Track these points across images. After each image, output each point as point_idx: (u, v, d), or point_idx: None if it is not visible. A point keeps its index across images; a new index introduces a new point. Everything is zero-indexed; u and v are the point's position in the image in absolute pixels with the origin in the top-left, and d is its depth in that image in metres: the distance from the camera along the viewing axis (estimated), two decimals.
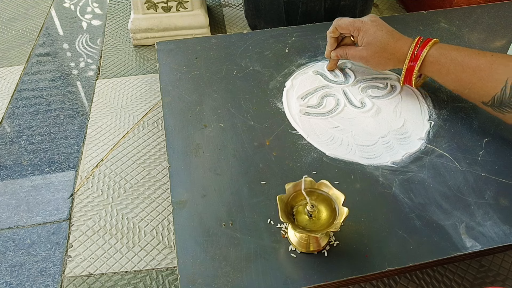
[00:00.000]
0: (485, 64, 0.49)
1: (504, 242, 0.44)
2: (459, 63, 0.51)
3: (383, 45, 0.55)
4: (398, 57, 0.55)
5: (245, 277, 0.41)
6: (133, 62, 1.08)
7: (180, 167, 0.52)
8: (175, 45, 0.72)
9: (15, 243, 0.70)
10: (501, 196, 0.48)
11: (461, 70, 0.51)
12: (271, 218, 0.46)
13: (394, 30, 0.57)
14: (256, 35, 0.74)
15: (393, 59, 0.56)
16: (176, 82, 0.65)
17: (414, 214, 0.46)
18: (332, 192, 0.41)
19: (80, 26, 1.23)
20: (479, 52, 0.51)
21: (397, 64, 0.56)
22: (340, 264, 0.42)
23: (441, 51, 0.52)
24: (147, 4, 1.08)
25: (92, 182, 0.78)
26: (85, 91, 1.00)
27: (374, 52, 0.56)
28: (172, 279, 0.64)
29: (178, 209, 0.47)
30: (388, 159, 0.52)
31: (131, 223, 0.71)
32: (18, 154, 0.85)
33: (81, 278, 0.64)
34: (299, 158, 0.53)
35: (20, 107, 0.96)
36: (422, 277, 0.61)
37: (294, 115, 0.59)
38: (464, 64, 0.51)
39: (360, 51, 0.58)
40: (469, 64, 0.50)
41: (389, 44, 0.55)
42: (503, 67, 0.48)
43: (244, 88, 0.63)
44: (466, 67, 0.50)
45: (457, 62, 0.51)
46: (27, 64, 1.09)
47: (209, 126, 0.57)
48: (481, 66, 0.49)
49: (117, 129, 0.89)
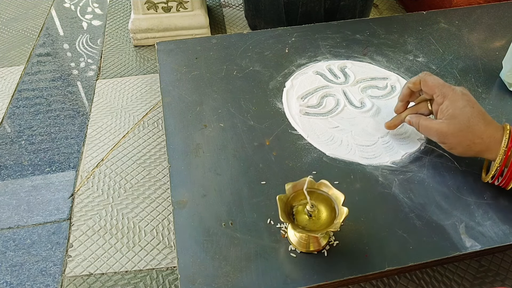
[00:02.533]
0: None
1: (504, 242, 0.44)
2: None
3: (470, 123, 0.44)
4: (488, 144, 0.44)
5: (245, 277, 0.41)
6: (133, 62, 1.08)
7: (180, 167, 0.52)
8: (175, 45, 0.72)
9: (16, 243, 0.70)
10: (500, 196, 0.48)
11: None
12: (271, 218, 0.46)
13: (486, 112, 0.46)
14: (256, 35, 0.75)
15: (480, 144, 0.45)
16: (176, 82, 0.65)
17: (414, 214, 0.46)
18: (332, 192, 0.41)
19: (81, 26, 1.23)
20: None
21: (483, 152, 0.45)
22: (340, 264, 0.42)
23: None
24: (147, 4, 1.08)
25: (93, 182, 0.78)
26: (86, 91, 1.00)
27: (458, 130, 0.45)
28: (172, 278, 0.64)
29: (178, 209, 0.47)
30: (388, 159, 0.53)
31: (132, 223, 0.71)
32: (19, 154, 0.85)
33: (81, 278, 0.64)
34: (299, 158, 0.53)
35: (20, 107, 0.96)
36: (421, 276, 0.61)
37: (294, 115, 0.59)
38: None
39: (440, 124, 0.47)
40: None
41: (479, 125, 0.44)
42: None
43: (244, 88, 0.64)
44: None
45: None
46: (27, 64, 1.09)
47: (209, 126, 0.57)
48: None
49: (117, 129, 0.89)
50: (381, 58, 0.69)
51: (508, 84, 0.63)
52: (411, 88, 0.51)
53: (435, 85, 0.48)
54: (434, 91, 0.48)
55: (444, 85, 0.47)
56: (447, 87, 0.47)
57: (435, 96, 0.48)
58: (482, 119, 0.45)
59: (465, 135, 0.45)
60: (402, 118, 0.53)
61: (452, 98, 0.46)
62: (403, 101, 0.53)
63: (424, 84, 0.49)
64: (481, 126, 0.45)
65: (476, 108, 0.45)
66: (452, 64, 0.68)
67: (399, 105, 0.54)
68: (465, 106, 0.45)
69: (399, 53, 0.70)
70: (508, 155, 0.43)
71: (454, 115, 0.46)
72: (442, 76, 0.65)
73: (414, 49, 0.71)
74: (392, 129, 0.55)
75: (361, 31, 0.75)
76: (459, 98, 0.46)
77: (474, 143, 0.45)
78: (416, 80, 0.50)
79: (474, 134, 0.45)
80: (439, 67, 0.67)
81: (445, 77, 0.65)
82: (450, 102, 0.46)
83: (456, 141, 0.46)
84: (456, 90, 0.47)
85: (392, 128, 0.55)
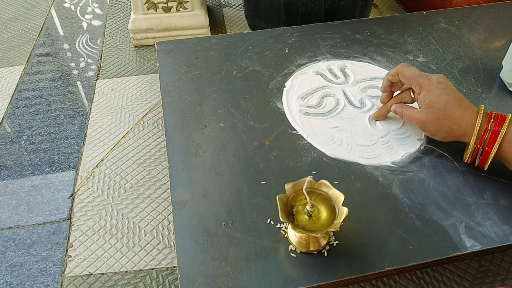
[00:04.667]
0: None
1: (504, 242, 0.44)
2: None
3: (447, 112, 0.47)
4: (465, 130, 0.46)
5: (245, 277, 0.41)
6: (133, 62, 1.08)
7: (180, 167, 0.52)
8: (175, 45, 0.72)
9: (16, 243, 0.70)
10: (500, 196, 0.48)
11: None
12: (271, 218, 0.46)
13: (463, 97, 0.48)
14: (256, 35, 0.75)
15: (457, 130, 0.47)
16: (176, 82, 0.65)
17: (414, 214, 0.46)
18: (332, 192, 0.41)
19: (81, 26, 1.23)
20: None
21: (462, 137, 0.47)
22: (340, 264, 0.42)
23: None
24: (147, 4, 1.08)
25: (92, 182, 0.78)
26: (86, 91, 1.00)
27: (435, 118, 0.47)
28: (172, 278, 0.64)
29: (178, 209, 0.47)
30: (388, 159, 0.53)
31: (131, 223, 0.71)
32: (19, 154, 0.85)
33: (81, 278, 0.64)
34: (299, 158, 0.53)
35: (20, 107, 0.96)
36: (421, 276, 0.61)
37: (294, 115, 0.59)
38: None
39: (419, 113, 0.49)
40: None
41: (455, 112, 0.46)
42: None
43: (244, 88, 0.64)
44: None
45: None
46: (27, 64, 1.09)
47: (209, 126, 0.57)
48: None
49: (117, 129, 0.89)
50: (381, 58, 0.69)
51: (508, 84, 0.63)
52: (390, 79, 0.53)
53: (411, 76, 0.50)
54: (411, 82, 0.50)
55: (420, 76, 0.49)
56: (423, 77, 0.49)
57: (413, 86, 0.51)
58: (459, 105, 0.47)
59: (442, 122, 0.47)
60: (388, 108, 0.56)
61: (428, 88, 0.48)
62: (385, 91, 0.56)
63: (401, 76, 0.51)
64: (458, 113, 0.47)
65: (452, 96, 0.47)
66: (452, 64, 0.68)
67: (383, 96, 0.56)
68: (441, 95, 0.47)
69: (399, 53, 0.70)
70: (484, 135, 0.45)
71: (431, 104, 0.48)
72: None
73: (414, 49, 0.71)
74: (380, 118, 0.57)
75: (361, 31, 0.75)
76: (435, 87, 0.48)
77: (451, 129, 0.47)
78: (394, 72, 0.52)
79: (451, 120, 0.47)
80: (439, 67, 0.67)
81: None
82: (426, 92, 0.48)
83: (435, 128, 0.48)
84: (432, 80, 0.49)
85: (380, 118, 0.57)
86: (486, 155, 0.46)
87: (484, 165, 0.48)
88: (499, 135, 0.44)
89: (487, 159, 0.46)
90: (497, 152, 0.45)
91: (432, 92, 0.48)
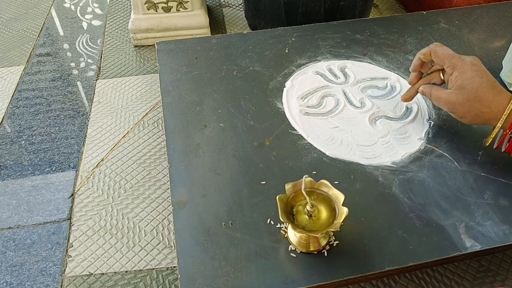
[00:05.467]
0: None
1: (504, 242, 0.44)
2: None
3: (478, 94, 0.45)
4: (495, 114, 0.45)
5: (245, 276, 0.41)
6: (133, 62, 1.08)
7: (180, 167, 0.52)
8: (175, 45, 0.72)
9: (16, 243, 0.70)
10: (500, 196, 0.48)
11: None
12: (271, 218, 0.46)
13: (496, 81, 0.47)
14: (256, 35, 0.75)
15: (487, 113, 0.46)
16: (176, 82, 0.65)
17: (414, 214, 0.46)
18: (332, 192, 0.41)
19: (81, 26, 1.23)
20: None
21: (492, 121, 0.46)
22: (340, 264, 0.42)
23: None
24: (147, 4, 1.08)
25: (93, 182, 0.78)
26: (86, 91, 1.00)
27: (466, 100, 0.46)
28: (172, 278, 0.64)
29: (178, 209, 0.47)
30: (388, 159, 0.53)
31: (132, 223, 0.71)
32: (19, 154, 0.85)
33: (81, 278, 0.64)
34: (299, 158, 0.53)
35: (20, 107, 0.96)
36: (421, 276, 0.61)
37: (294, 115, 0.59)
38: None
39: (449, 94, 0.48)
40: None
41: (487, 95, 0.45)
42: None
43: (244, 88, 0.64)
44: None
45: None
46: (27, 64, 1.09)
47: (209, 126, 0.57)
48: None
49: (117, 129, 0.89)
50: (381, 58, 0.69)
51: (508, 84, 0.63)
52: (421, 59, 0.52)
53: (444, 56, 0.48)
54: (444, 62, 0.49)
55: (454, 56, 0.48)
56: (457, 57, 0.48)
57: (445, 67, 0.49)
58: (491, 88, 0.45)
59: (472, 105, 0.46)
60: (416, 89, 0.54)
61: (461, 69, 0.47)
62: (415, 71, 0.54)
63: (434, 55, 0.50)
64: (489, 96, 0.45)
65: (485, 78, 0.46)
66: None
67: (412, 76, 0.55)
68: (474, 77, 0.46)
69: (399, 53, 0.70)
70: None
71: (463, 85, 0.46)
72: None
73: (414, 49, 0.71)
74: (409, 100, 0.56)
75: (361, 31, 0.75)
76: (468, 68, 0.47)
77: (482, 111, 0.46)
78: (427, 52, 0.50)
79: (482, 103, 0.45)
80: None
81: None
82: (459, 73, 0.47)
83: (464, 110, 0.47)
84: (466, 61, 0.47)
85: (409, 100, 0.56)
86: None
87: (511, 151, 0.47)
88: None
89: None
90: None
91: (465, 73, 0.46)
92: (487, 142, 0.49)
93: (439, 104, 0.51)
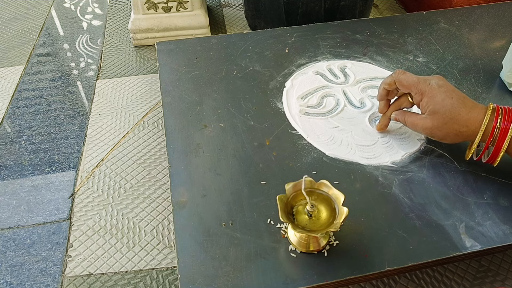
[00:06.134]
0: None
1: (504, 242, 0.44)
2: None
3: (453, 115, 0.45)
4: (473, 130, 0.45)
5: (245, 276, 0.41)
6: (133, 62, 1.08)
7: (180, 167, 0.52)
8: (175, 45, 0.72)
9: (16, 243, 0.70)
10: (500, 196, 0.48)
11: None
12: (271, 218, 0.46)
13: (466, 96, 0.47)
14: (256, 35, 0.75)
15: (466, 131, 0.46)
16: (176, 82, 0.65)
17: (414, 214, 0.46)
18: (332, 192, 0.41)
19: (81, 26, 1.23)
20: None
21: (471, 137, 0.46)
22: (340, 264, 0.42)
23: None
24: (147, 4, 1.08)
25: (93, 182, 0.78)
26: (86, 91, 1.00)
27: (442, 124, 0.46)
28: (172, 278, 0.64)
29: (178, 209, 0.47)
30: (388, 159, 0.53)
31: (132, 223, 0.71)
32: (19, 154, 0.85)
33: (81, 278, 0.64)
34: (299, 158, 0.53)
35: (20, 107, 0.96)
36: (421, 276, 0.61)
37: (294, 115, 0.59)
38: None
39: (423, 120, 0.48)
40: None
41: (461, 114, 0.45)
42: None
43: (244, 88, 0.64)
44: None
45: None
46: (27, 64, 1.09)
47: (209, 126, 0.57)
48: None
49: (117, 129, 0.89)
50: (381, 58, 0.69)
51: (508, 84, 0.63)
52: (386, 88, 0.52)
53: (410, 83, 0.48)
54: (411, 89, 0.49)
55: (419, 82, 0.48)
56: (422, 83, 0.47)
57: (413, 94, 0.49)
58: (463, 107, 0.46)
59: (450, 127, 0.46)
60: (388, 116, 0.54)
61: (430, 94, 0.47)
62: (382, 100, 0.54)
63: (399, 84, 0.50)
64: (464, 115, 0.45)
65: (455, 98, 0.46)
66: (452, 64, 0.68)
67: (381, 105, 0.54)
68: (444, 99, 0.46)
69: (399, 53, 0.70)
70: (492, 133, 0.44)
71: (435, 110, 0.46)
72: (442, 76, 0.65)
73: (414, 49, 0.71)
74: (384, 129, 0.56)
75: (361, 31, 0.75)
76: (436, 92, 0.47)
77: (460, 131, 0.46)
78: (391, 81, 0.50)
79: (459, 123, 0.46)
80: (439, 67, 0.67)
81: (445, 77, 0.65)
82: (428, 98, 0.47)
83: (442, 133, 0.47)
84: (432, 84, 0.47)
85: (384, 129, 0.55)
86: (496, 152, 0.45)
87: (494, 162, 0.47)
88: (508, 133, 0.43)
89: (497, 156, 0.45)
90: (508, 148, 0.45)
91: (435, 98, 0.46)
92: (467, 156, 0.49)
93: (416, 130, 0.50)
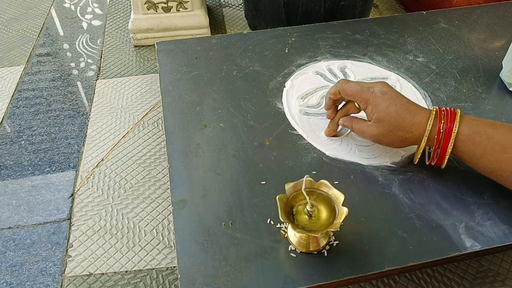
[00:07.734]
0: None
1: (504, 242, 0.44)
2: (497, 142, 0.43)
3: (397, 122, 0.46)
4: (418, 136, 0.46)
5: (245, 276, 0.41)
6: (133, 62, 1.08)
7: (180, 167, 0.52)
8: (175, 45, 0.72)
9: (16, 243, 0.70)
10: (500, 196, 0.48)
11: (501, 151, 0.43)
12: (271, 218, 0.46)
13: (410, 101, 0.47)
14: (256, 35, 0.75)
15: (411, 138, 0.46)
16: (176, 82, 0.65)
17: (414, 214, 0.46)
18: (332, 192, 0.41)
19: (81, 26, 1.24)
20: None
21: (416, 142, 0.47)
22: (340, 264, 0.42)
23: (474, 127, 0.44)
24: (147, 4, 1.08)
25: (92, 182, 0.78)
26: (86, 91, 1.00)
27: (388, 131, 0.47)
28: (172, 278, 0.64)
29: (178, 209, 0.47)
30: (388, 159, 0.53)
31: (131, 223, 0.71)
32: (19, 154, 0.85)
33: (81, 278, 0.64)
34: (299, 158, 0.53)
35: (20, 107, 0.96)
36: (421, 276, 0.61)
37: (294, 115, 0.59)
38: (504, 143, 0.42)
39: (370, 127, 0.48)
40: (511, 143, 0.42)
41: (406, 121, 0.46)
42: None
43: (244, 88, 0.64)
44: (507, 147, 0.42)
45: (495, 141, 0.43)
46: (27, 64, 1.09)
47: (209, 126, 0.57)
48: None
49: (117, 129, 0.89)
50: (381, 58, 0.69)
51: (508, 84, 0.63)
52: (332, 98, 0.52)
53: (353, 92, 0.49)
54: (355, 98, 0.49)
55: (363, 90, 0.48)
56: (365, 91, 0.48)
57: (358, 102, 0.49)
58: (408, 113, 0.46)
59: (395, 134, 0.47)
60: (336, 122, 0.54)
61: (374, 102, 0.47)
62: (329, 109, 0.54)
63: (343, 94, 0.50)
64: (408, 121, 0.46)
65: (399, 105, 0.46)
66: (452, 64, 0.68)
67: (329, 113, 0.54)
68: (388, 107, 0.46)
69: (399, 53, 0.70)
70: (438, 137, 0.45)
71: (380, 118, 0.47)
72: (442, 76, 0.65)
73: (414, 49, 0.71)
74: (332, 134, 0.56)
75: (361, 31, 0.75)
76: (380, 100, 0.47)
77: (406, 137, 0.47)
78: (335, 91, 0.51)
79: (404, 130, 0.46)
80: (439, 67, 0.67)
81: (445, 77, 0.65)
82: (373, 107, 0.47)
83: (388, 140, 0.48)
84: (376, 92, 0.47)
85: (332, 134, 0.56)
86: (442, 154, 0.46)
87: (441, 164, 0.47)
88: (451, 136, 0.44)
89: (443, 158, 0.46)
90: (453, 150, 0.45)
91: (379, 106, 0.47)
92: (415, 160, 0.50)
93: (364, 137, 0.51)
